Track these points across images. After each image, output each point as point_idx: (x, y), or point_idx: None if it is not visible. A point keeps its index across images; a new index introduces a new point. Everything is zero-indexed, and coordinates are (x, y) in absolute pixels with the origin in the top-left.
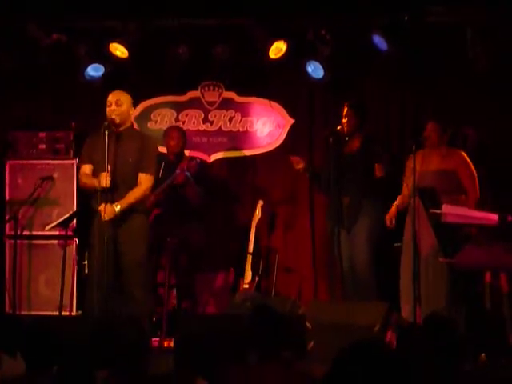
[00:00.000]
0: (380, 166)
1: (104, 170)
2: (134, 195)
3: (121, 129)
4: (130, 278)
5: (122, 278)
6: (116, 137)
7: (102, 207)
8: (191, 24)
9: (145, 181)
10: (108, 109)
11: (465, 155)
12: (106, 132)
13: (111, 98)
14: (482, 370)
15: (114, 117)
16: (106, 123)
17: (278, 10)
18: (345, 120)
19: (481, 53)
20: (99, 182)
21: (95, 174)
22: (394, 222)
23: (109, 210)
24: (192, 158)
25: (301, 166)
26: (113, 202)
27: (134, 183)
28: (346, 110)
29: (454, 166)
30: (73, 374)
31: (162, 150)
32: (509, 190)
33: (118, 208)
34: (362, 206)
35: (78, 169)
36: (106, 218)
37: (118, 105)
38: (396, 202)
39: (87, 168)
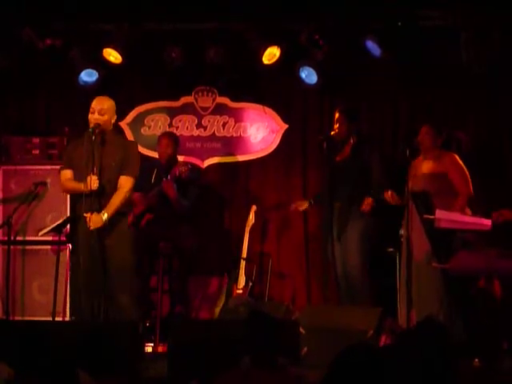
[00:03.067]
0: (368, 201)
1: (87, 175)
2: (117, 199)
3: (103, 134)
4: (116, 283)
5: (108, 283)
6: (99, 142)
7: (88, 215)
8: (184, 29)
9: (125, 183)
10: (90, 115)
11: (456, 157)
12: (93, 137)
13: (95, 105)
14: (475, 374)
15: (95, 124)
16: (91, 129)
17: (272, 14)
18: (336, 126)
19: (475, 56)
20: (86, 185)
21: (77, 179)
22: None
23: (96, 220)
24: (184, 163)
25: (304, 206)
26: (99, 207)
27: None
28: (337, 115)
29: (444, 169)
30: (60, 378)
31: (155, 155)
32: (502, 193)
33: (105, 216)
34: (353, 212)
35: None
36: (93, 228)
37: (101, 114)
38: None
39: (68, 173)
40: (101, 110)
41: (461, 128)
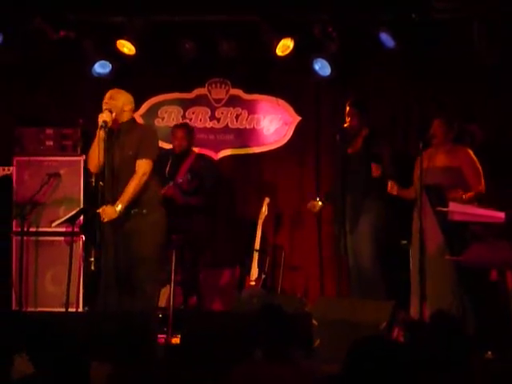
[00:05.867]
0: (376, 165)
1: (107, 168)
2: (131, 185)
3: (118, 124)
4: (139, 273)
5: (132, 272)
6: (115, 133)
7: (101, 209)
8: (198, 21)
9: (141, 166)
10: (103, 103)
11: (470, 152)
12: (103, 133)
13: (107, 94)
14: (488, 367)
15: (108, 120)
16: (103, 124)
17: (285, 6)
18: (348, 119)
19: (487, 48)
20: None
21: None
22: (395, 188)
23: (109, 212)
24: (185, 174)
25: (319, 205)
26: (115, 200)
27: None
28: (347, 109)
29: (458, 163)
30: (73, 369)
31: (169, 146)
32: None
33: (118, 208)
34: (364, 205)
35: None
36: (106, 220)
37: (112, 99)
38: (407, 190)
39: None
40: (112, 95)
41: (473, 119)
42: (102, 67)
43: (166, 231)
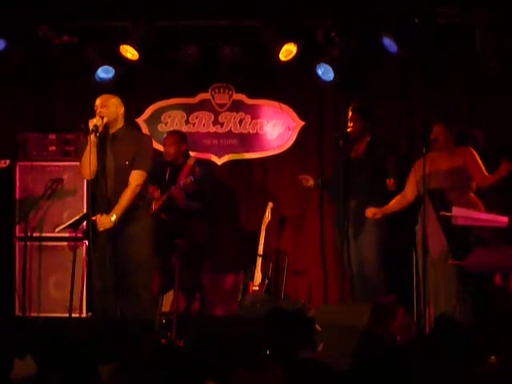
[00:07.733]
0: (393, 181)
1: (101, 175)
2: (125, 197)
3: (112, 131)
4: (134, 278)
5: (126, 279)
6: (109, 140)
7: (97, 217)
8: (201, 26)
9: (135, 178)
10: (96, 114)
11: (472, 150)
12: (94, 137)
13: (97, 102)
14: (491, 372)
15: (98, 124)
16: (93, 128)
17: (288, 11)
18: (350, 124)
19: (491, 54)
20: (97, 225)
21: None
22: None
23: (104, 221)
24: (188, 175)
25: (310, 183)
26: (110, 208)
27: None
28: (350, 113)
29: (462, 162)
30: (80, 373)
31: None
32: None
33: (113, 218)
34: None
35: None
36: (101, 229)
37: (104, 106)
38: (389, 205)
39: None
40: (103, 102)
41: (476, 125)
42: (105, 72)
43: (152, 239)
